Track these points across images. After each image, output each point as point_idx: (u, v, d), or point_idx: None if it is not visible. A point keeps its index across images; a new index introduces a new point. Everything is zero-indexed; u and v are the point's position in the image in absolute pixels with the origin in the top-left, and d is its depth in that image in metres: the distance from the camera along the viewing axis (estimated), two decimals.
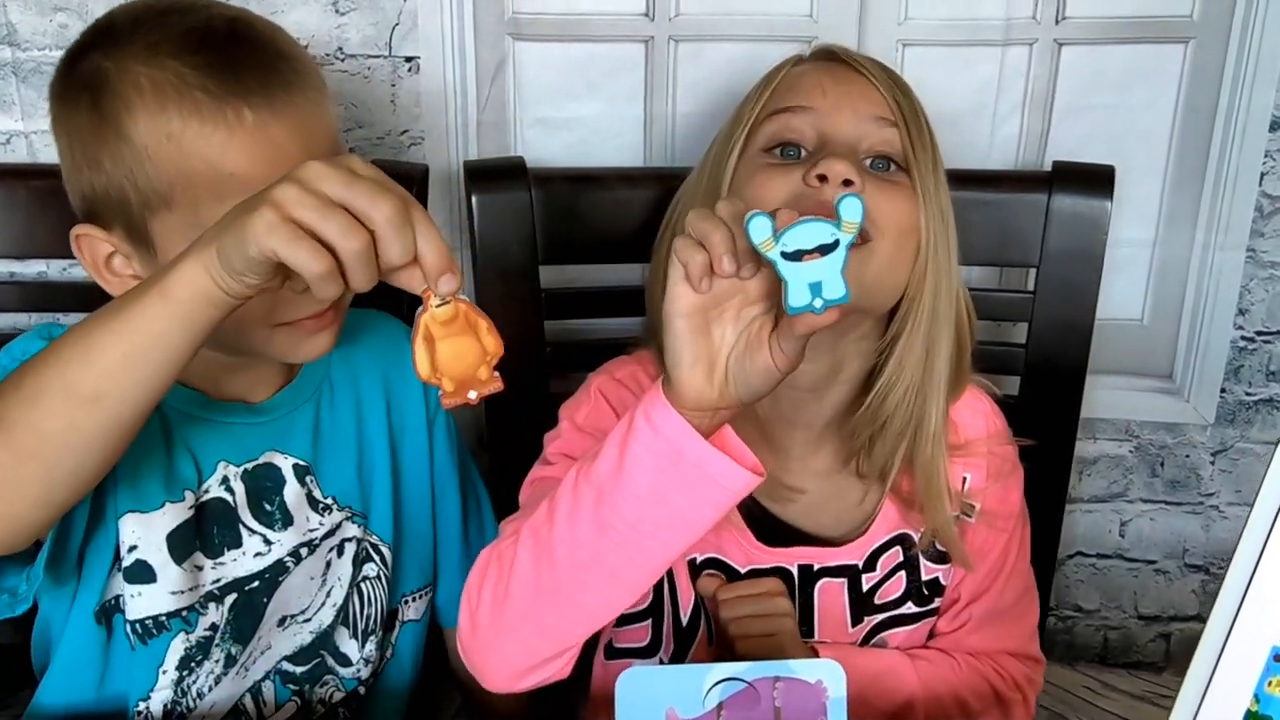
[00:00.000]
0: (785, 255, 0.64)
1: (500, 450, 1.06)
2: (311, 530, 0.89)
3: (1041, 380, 1.07)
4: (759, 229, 0.64)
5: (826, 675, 0.75)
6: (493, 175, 1.02)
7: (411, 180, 1.01)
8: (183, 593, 0.84)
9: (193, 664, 0.86)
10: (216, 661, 0.87)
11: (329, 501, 0.91)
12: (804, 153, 0.83)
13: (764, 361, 0.69)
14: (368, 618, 0.93)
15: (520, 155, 1.07)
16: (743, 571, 0.88)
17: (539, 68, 1.11)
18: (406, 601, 0.97)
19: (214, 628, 0.87)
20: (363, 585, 0.93)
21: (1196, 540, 1.32)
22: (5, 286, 1.09)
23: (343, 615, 0.92)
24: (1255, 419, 1.25)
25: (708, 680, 0.74)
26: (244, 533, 0.87)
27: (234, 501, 0.87)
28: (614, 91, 1.12)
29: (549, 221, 1.03)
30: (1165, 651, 1.38)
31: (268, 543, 0.88)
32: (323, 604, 0.91)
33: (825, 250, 0.64)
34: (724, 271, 0.66)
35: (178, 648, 0.86)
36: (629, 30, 1.11)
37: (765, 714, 0.74)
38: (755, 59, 1.09)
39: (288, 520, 0.88)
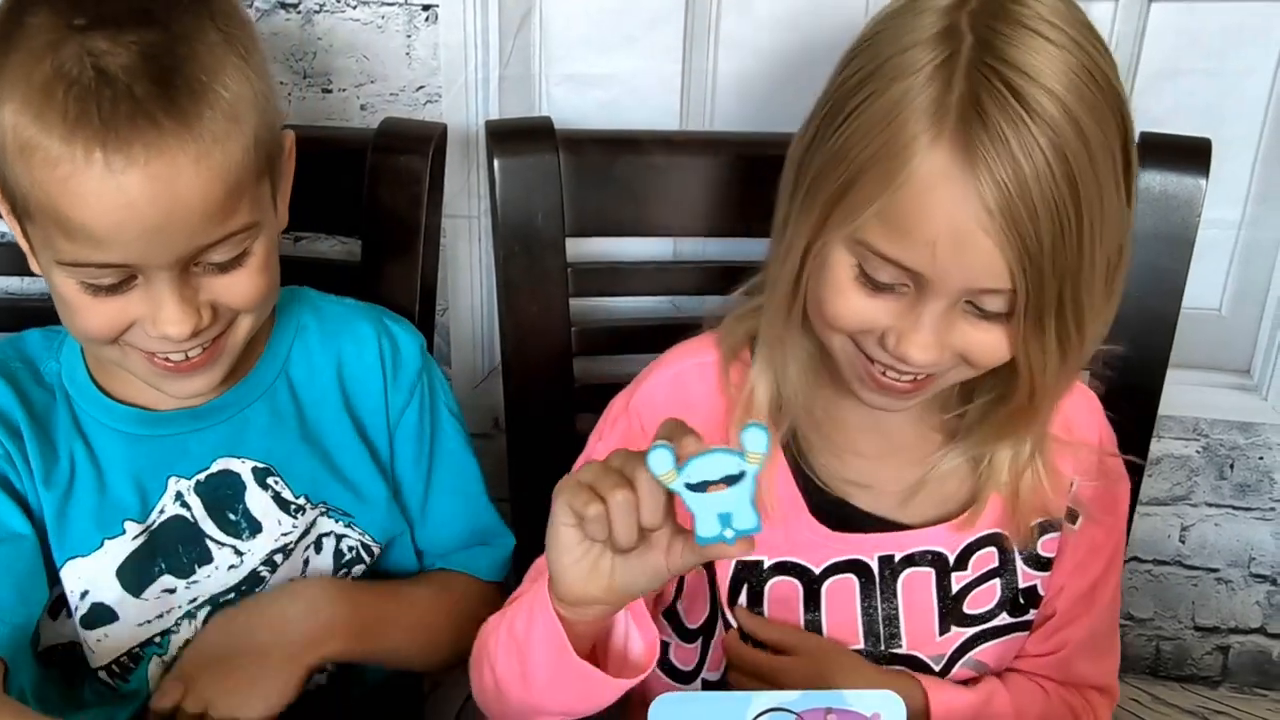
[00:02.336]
0: (690, 486, 0.61)
1: (518, 433, 1.00)
2: (285, 534, 0.84)
3: (1118, 375, 0.97)
4: (660, 461, 0.61)
5: (884, 708, 0.69)
6: (517, 136, 0.94)
7: (428, 141, 0.93)
8: (150, 621, 0.81)
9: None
10: None
11: (300, 501, 0.84)
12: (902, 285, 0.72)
13: (655, 563, 0.66)
14: None
15: (547, 115, 0.99)
16: (818, 571, 0.82)
17: (568, 19, 1.03)
18: None
19: (188, 643, 0.83)
20: None
21: (1265, 548, 1.25)
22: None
23: None
24: None
25: (751, 710, 0.68)
26: (212, 547, 0.83)
27: (193, 516, 0.83)
28: (650, 46, 1.04)
29: (578, 189, 0.94)
30: (1222, 665, 1.32)
31: (239, 554, 0.83)
32: None
33: (732, 480, 0.61)
34: (620, 545, 0.64)
35: (155, 673, 0.82)
36: None
37: None
38: (807, 14, 1.01)
39: (255, 527, 0.83)
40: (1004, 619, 0.84)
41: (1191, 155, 0.94)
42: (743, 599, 0.82)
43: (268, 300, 0.78)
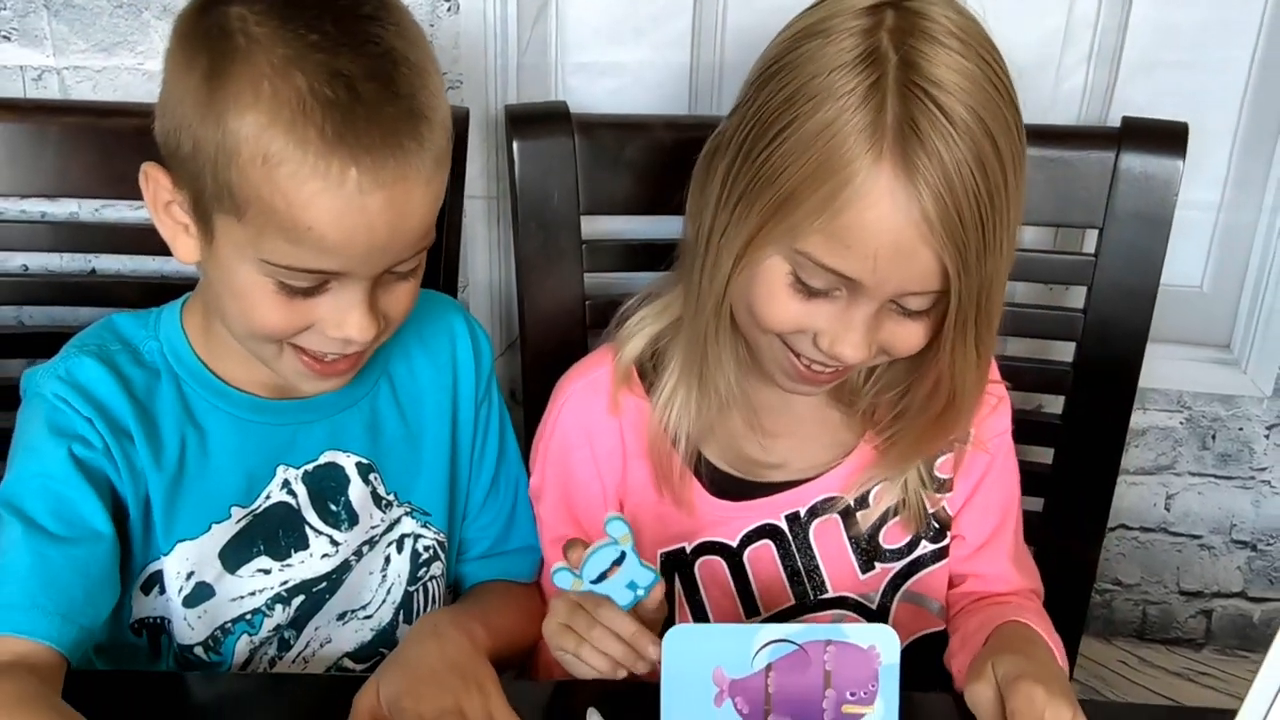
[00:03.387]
0: (595, 581, 0.76)
1: (535, 402, 1.02)
2: (374, 527, 0.88)
3: (1099, 348, 1.03)
4: (564, 580, 0.77)
5: (880, 641, 0.74)
6: (535, 120, 0.99)
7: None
8: (243, 598, 0.84)
9: (254, 657, 0.86)
10: (270, 642, 0.86)
11: (391, 498, 0.88)
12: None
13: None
14: None
15: (563, 100, 1.04)
16: (735, 544, 0.89)
17: (583, 10, 1.07)
18: None
19: (278, 628, 0.86)
20: (428, 584, 0.91)
21: (1245, 516, 1.30)
22: (38, 226, 1.07)
23: (404, 613, 0.90)
24: None
25: (757, 641, 0.74)
26: (310, 534, 0.85)
27: (297, 504, 0.85)
28: (660, 38, 1.08)
29: (592, 170, 0.99)
30: (1206, 628, 1.36)
31: (334, 544, 0.86)
32: (383, 601, 0.89)
33: (619, 560, 0.76)
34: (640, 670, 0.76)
35: (243, 650, 0.85)
36: None
37: (815, 677, 0.74)
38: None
39: (354, 519, 0.86)
40: (926, 547, 0.90)
41: (1170, 139, 0.99)
42: (679, 586, 0.89)
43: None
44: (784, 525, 0.89)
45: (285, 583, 0.85)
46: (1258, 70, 1.08)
